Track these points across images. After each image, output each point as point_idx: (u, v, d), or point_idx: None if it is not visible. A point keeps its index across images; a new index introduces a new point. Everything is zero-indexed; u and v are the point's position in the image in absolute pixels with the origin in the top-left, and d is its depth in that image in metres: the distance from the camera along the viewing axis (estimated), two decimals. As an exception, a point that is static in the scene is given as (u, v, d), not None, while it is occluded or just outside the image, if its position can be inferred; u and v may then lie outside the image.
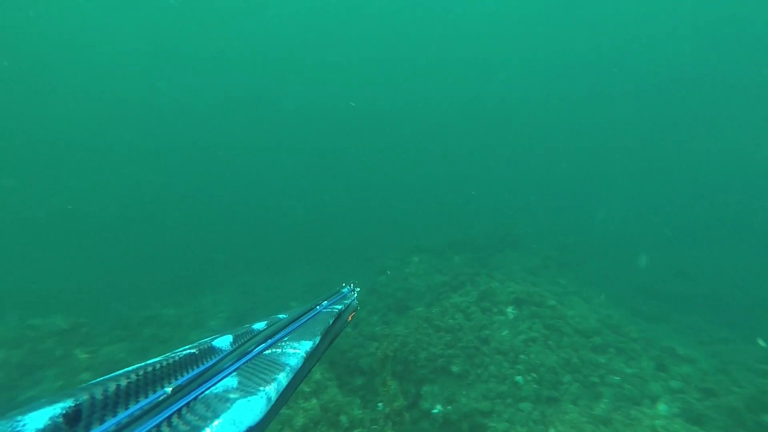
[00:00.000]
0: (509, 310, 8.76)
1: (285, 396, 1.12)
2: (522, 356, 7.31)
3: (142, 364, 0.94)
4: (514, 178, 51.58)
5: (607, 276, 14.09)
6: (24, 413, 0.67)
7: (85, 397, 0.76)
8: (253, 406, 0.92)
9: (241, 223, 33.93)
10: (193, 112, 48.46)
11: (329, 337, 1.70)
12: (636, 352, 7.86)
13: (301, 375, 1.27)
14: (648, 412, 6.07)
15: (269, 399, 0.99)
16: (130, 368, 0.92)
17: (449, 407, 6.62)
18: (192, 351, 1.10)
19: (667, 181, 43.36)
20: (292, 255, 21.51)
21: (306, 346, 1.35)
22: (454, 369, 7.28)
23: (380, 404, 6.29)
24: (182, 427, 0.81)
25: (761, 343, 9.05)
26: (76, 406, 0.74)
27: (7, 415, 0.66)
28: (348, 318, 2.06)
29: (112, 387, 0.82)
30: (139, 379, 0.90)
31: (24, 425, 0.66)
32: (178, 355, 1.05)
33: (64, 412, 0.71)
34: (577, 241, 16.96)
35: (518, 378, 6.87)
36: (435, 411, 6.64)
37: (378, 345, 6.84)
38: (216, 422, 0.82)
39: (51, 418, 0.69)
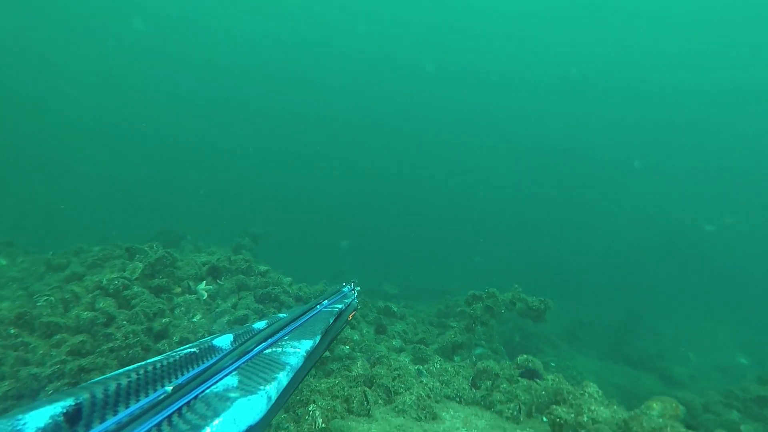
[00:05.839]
0: (201, 286, 6.48)
1: (285, 395, 1.12)
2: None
3: (143, 363, 0.95)
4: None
5: (312, 261, 15.26)
6: (25, 412, 0.68)
7: (85, 395, 0.76)
8: (254, 405, 0.92)
9: None
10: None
11: (329, 336, 1.71)
12: (356, 318, 7.46)
13: (301, 374, 1.27)
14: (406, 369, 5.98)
15: (269, 398, 0.99)
16: (130, 367, 0.92)
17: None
18: (192, 350, 1.11)
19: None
20: None
21: (306, 345, 1.36)
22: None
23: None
24: (183, 425, 0.81)
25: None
26: (76, 404, 0.74)
27: (8, 414, 0.66)
28: (348, 317, 2.06)
29: (113, 386, 0.82)
30: (140, 377, 0.90)
31: (25, 423, 0.66)
32: (179, 354, 1.05)
33: (64, 410, 0.72)
34: (270, 231, 15.31)
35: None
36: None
37: None
38: (216, 421, 0.82)
39: (52, 417, 0.69)
